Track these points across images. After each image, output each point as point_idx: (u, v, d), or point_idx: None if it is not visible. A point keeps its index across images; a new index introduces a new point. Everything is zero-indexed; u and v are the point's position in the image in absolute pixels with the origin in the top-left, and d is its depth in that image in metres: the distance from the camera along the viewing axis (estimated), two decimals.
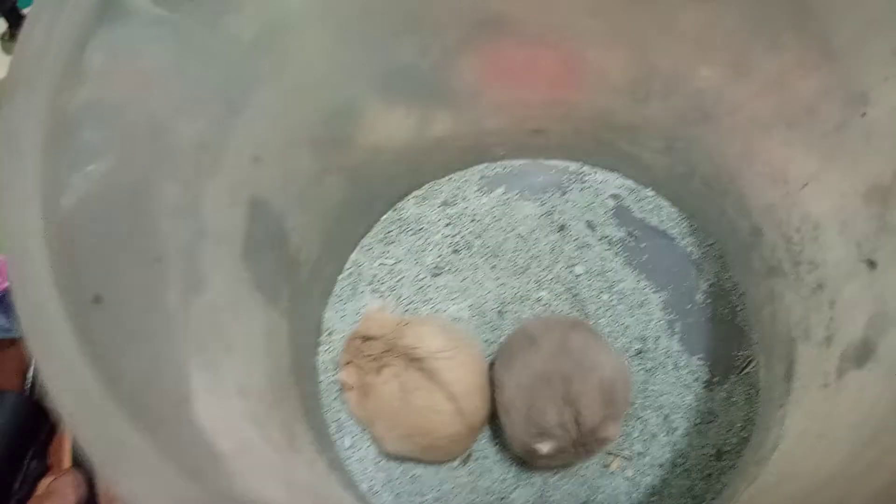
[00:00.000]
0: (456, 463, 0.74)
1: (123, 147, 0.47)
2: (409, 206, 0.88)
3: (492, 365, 0.75)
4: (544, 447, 0.64)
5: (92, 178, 0.41)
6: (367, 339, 0.72)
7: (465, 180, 0.89)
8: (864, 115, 0.54)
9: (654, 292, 0.81)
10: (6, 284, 0.80)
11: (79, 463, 0.78)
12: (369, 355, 0.71)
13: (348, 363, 0.73)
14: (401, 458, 0.74)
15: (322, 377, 0.79)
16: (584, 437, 0.64)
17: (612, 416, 0.64)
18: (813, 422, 0.57)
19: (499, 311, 0.81)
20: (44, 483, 0.79)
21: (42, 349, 0.31)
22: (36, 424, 0.80)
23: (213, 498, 0.34)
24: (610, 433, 0.64)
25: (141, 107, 0.49)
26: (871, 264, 0.55)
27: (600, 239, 0.84)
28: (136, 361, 0.40)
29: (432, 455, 0.73)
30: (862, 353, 0.53)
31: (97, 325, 0.37)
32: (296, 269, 0.74)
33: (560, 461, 0.69)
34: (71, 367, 0.31)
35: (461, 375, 0.69)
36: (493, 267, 0.84)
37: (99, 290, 0.39)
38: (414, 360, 0.69)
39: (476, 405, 0.70)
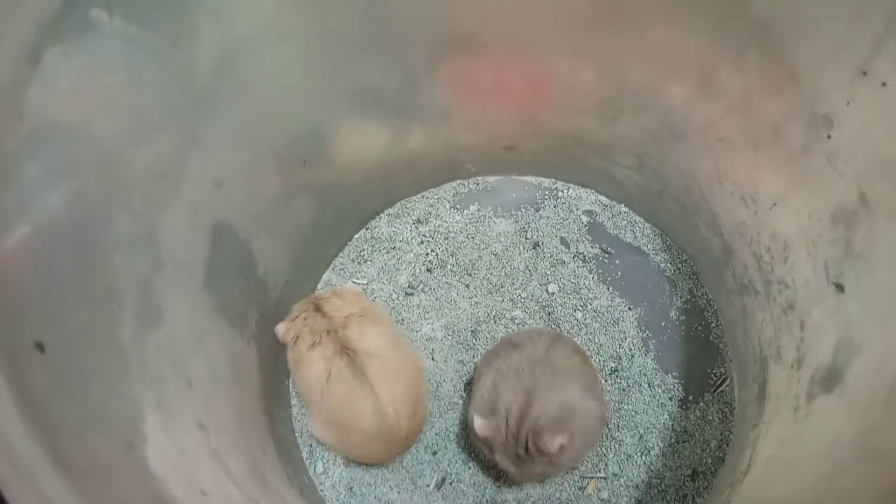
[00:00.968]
0: (431, 487, 0.74)
1: (68, 183, 0.45)
2: (382, 225, 0.87)
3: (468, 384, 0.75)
4: (479, 423, 0.64)
5: (32, 218, 0.40)
6: (318, 310, 0.71)
7: (438, 197, 0.88)
8: (829, 137, 0.53)
9: (628, 309, 0.80)
10: None
11: None
12: (311, 327, 0.70)
13: (293, 320, 0.72)
14: (329, 450, 0.74)
15: (294, 401, 0.78)
16: (523, 433, 0.63)
17: (557, 432, 0.63)
18: (783, 447, 0.57)
19: (473, 331, 0.80)
20: None
21: None
22: None
23: None
24: (546, 443, 0.62)
25: (90, 136, 0.48)
26: (839, 288, 0.54)
27: (574, 256, 0.83)
28: (79, 409, 0.38)
29: (351, 451, 0.72)
30: (830, 379, 0.53)
31: (36, 374, 0.35)
32: (264, 292, 0.72)
33: (497, 452, 0.66)
34: (2, 428, 0.30)
35: (390, 381, 0.68)
36: (468, 286, 0.83)
37: (41, 336, 0.38)
38: (347, 350, 0.68)
39: (402, 413, 0.68)
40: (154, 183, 0.54)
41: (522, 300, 0.81)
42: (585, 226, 0.85)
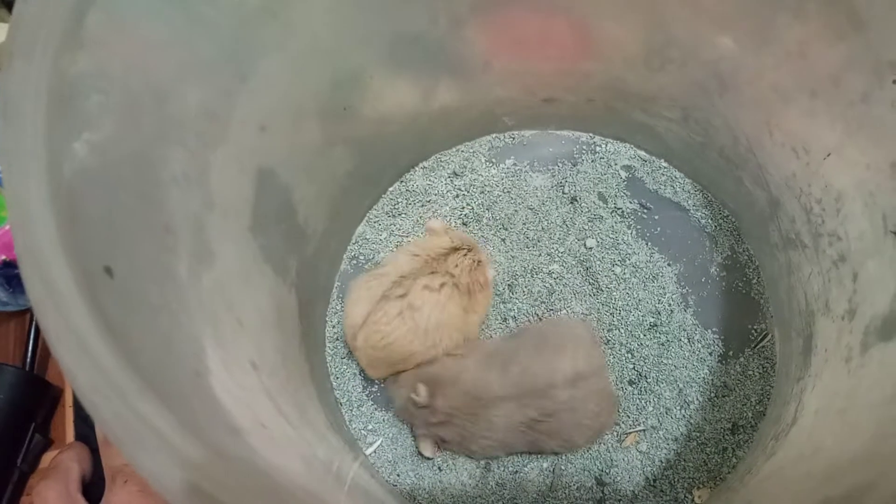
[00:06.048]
0: None
1: (127, 113, 0.45)
2: (417, 178, 0.86)
3: None
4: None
5: (96, 144, 0.39)
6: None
7: (474, 151, 0.87)
8: (894, 82, 0.52)
9: (667, 265, 0.79)
10: (3, 257, 0.79)
11: (82, 437, 0.78)
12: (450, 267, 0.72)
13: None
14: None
15: (329, 348, 0.77)
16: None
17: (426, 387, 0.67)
18: (834, 397, 0.56)
19: (509, 285, 0.80)
20: (48, 457, 0.78)
21: (54, 325, 0.30)
22: (37, 399, 0.78)
23: (239, 471, 0.33)
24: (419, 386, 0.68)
25: (144, 73, 0.47)
26: None
27: (612, 211, 0.82)
28: (150, 335, 0.38)
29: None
30: (888, 327, 0.52)
31: (108, 297, 0.35)
32: (303, 241, 0.72)
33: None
34: (84, 343, 0.30)
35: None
36: (503, 240, 0.82)
37: (109, 261, 0.37)
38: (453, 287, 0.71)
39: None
40: (205, 121, 0.53)
41: (560, 255, 0.81)
42: (624, 181, 0.84)
